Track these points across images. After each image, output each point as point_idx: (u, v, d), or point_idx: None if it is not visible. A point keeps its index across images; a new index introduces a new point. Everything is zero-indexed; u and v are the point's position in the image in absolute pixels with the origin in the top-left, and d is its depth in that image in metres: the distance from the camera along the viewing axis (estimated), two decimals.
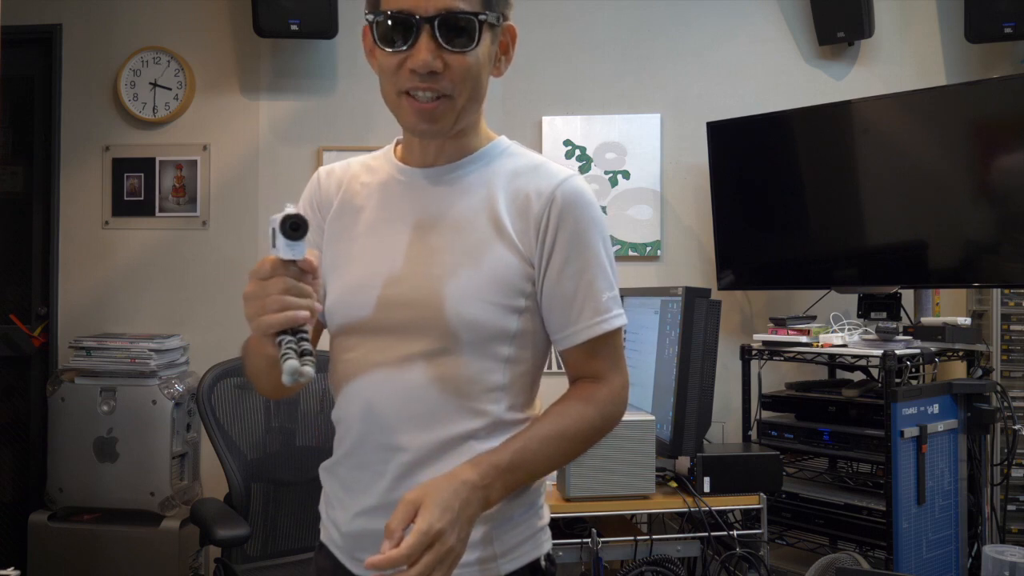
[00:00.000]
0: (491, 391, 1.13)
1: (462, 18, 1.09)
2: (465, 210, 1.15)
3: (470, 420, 1.12)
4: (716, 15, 3.32)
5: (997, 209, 2.57)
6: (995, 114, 2.57)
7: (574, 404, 1.15)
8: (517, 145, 1.24)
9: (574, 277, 1.14)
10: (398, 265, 1.15)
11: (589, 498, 2.24)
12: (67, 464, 2.97)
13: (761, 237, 3.06)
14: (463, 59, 1.10)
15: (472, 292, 1.11)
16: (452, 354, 1.12)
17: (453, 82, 1.10)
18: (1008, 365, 2.86)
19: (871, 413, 2.56)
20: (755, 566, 2.29)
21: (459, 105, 1.12)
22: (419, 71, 1.08)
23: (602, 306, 1.15)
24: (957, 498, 2.58)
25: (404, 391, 1.13)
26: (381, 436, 1.14)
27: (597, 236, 1.16)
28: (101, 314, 3.36)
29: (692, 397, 2.35)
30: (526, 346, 1.16)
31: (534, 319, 1.16)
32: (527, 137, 3.32)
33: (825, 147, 2.90)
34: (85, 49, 3.40)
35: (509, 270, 1.13)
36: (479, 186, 1.17)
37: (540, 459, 1.11)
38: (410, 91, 1.11)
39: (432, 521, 0.98)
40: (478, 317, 1.11)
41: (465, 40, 1.10)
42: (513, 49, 1.22)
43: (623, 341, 1.20)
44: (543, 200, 1.14)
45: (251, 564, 2.42)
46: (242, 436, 2.48)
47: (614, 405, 1.17)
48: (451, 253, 1.13)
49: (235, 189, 3.38)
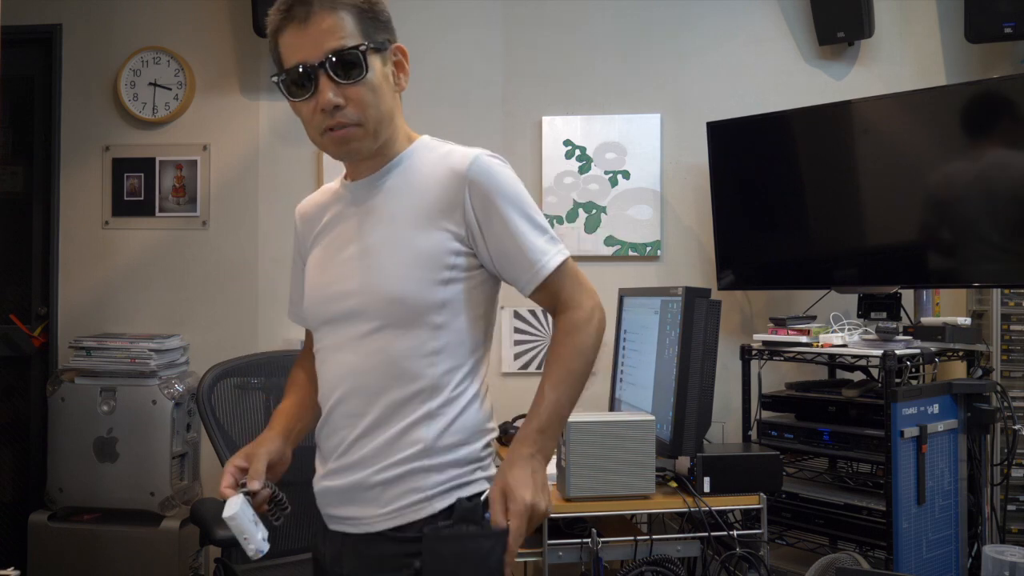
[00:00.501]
0: (427, 356, 1.31)
1: (347, 53, 1.26)
2: (393, 207, 1.34)
3: (410, 384, 1.30)
4: (716, 15, 3.32)
5: (997, 209, 2.57)
6: (995, 114, 2.57)
7: (562, 341, 1.33)
8: (433, 140, 1.42)
9: (505, 239, 1.32)
10: (343, 264, 1.37)
11: (589, 498, 2.24)
12: (67, 464, 2.97)
13: (761, 237, 3.06)
14: (359, 89, 1.28)
15: (397, 273, 1.30)
16: (388, 329, 1.31)
17: (357, 109, 1.28)
18: (1008, 365, 2.86)
19: (871, 413, 2.56)
20: (755, 566, 2.29)
21: (370, 128, 1.31)
22: (326, 109, 1.27)
23: (536, 253, 1.32)
24: (957, 498, 2.58)
25: (355, 367, 1.33)
26: (343, 407, 1.34)
27: (513, 197, 1.33)
28: (101, 314, 3.37)
29: (692, 397, 2.35)
30: (457, 311, 1.33)
31: (460, 284, 1.33)
32: (527, 137, 3.32)
33: (825, 147, 2.90)
34: (85, 49, 3.41)
35: (431, 247, 1.30)
36: (402, 184, 1.36)
37: (564, 399, 1.30)
38: (328, 127, 1.29)
39: (525, 499, 1.22)
40: (404, 293, 1.29)
41: (356, 71, 1.27)
42: (408, 64, 1.38)
43: (573, 267, 1.37)
44: (459, 179, 1.31)
45: (251, 564, 2.41)
46: (242, 436, 2.48)
47: (590, 320, 1.34)
48: (382, 245, 1.33)
49: (235, 189, 3.38)
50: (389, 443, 1.30)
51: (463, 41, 3.36)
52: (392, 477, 1.30)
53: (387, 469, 1.30)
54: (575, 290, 1.35)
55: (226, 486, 1.33)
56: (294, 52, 1.28)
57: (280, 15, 1.29)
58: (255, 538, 1.28)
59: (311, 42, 1.26)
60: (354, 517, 1.34)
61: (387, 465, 1.30)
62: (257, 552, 1.28)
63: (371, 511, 1.31)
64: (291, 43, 1.28)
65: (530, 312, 3.29)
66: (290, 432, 1.45)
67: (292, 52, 1.28)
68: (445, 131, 1.42)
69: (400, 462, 1.29)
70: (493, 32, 3.37)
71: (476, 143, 1.42)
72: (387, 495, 1.30)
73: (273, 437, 1.42)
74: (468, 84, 3.35)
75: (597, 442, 2.23)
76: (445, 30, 3.37)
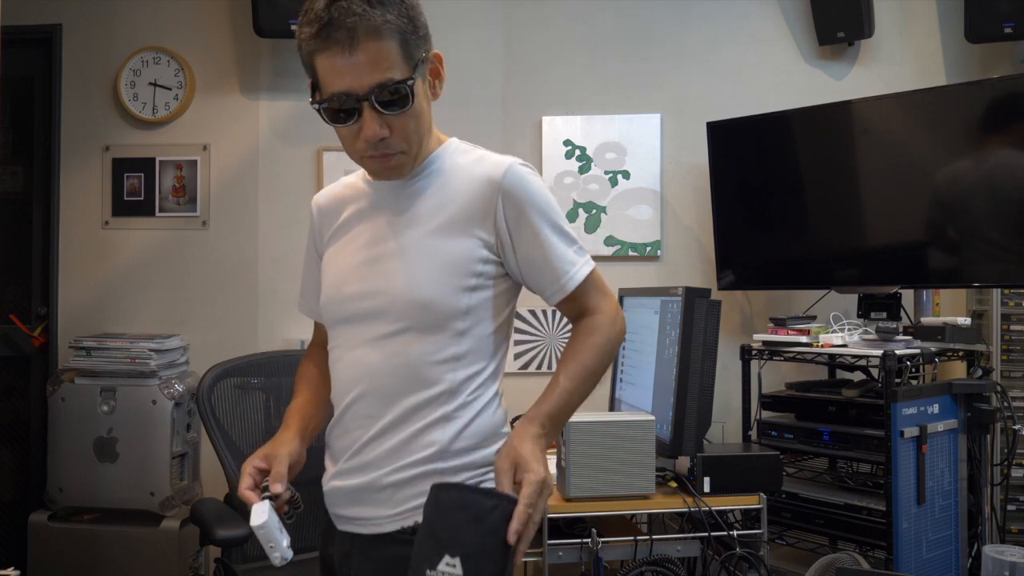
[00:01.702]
0: (447, 362, 1.29)
1: (394, 88, 1.22)
2: (421, 210, 1.33)
3: (429, 388, 1.29)
4: (716, 15, 3.32)
5: (997, 209, 2.57)
6: (995, 114, 2.57)
7: (582, 339, 1.33)
8: (463, 143, 1.40)
9: (535, 248, 1.31)
10: (367, 265, 1.35)
11: (589, 498, 2.24)
12: (67, 464, 2.97)
13: (761, 237, 3.06)
14: (404, 119, 1.25)
15: (426, 277, 1.29)
16: (410, 332, 1.29)
17: (402, 139, 1.27)
18: (1008, 365, 2.86)
19: (871, 413, 2.56)
20: (755, 566, 2.29)
21: (413, 152, 1.30)
22: (371, 141, 1.24)
23: (566, 264, 1.33)
24: (957, 498, 2.58)
25: (372, 368, 1.31)
26: (358, 408, 1.33)
27: (545, 208, 1.32)
28: (101, 314, 3.36)
29: (692, 397, 2.35)
30: (480, 319, 1.32)
31: (487, 292, 1.32)
32: (527, 137, 3.33)
33: (825, 147, 2.90)
34: (85, 49, 3.41)
35: (460, 253, 1.29)
36: (433, 188, 1.34)
37: (575, 393, 1.30)
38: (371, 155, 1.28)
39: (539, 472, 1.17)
40: (432, 297, 1.28)
41: (401, 102, 1.24)
42: (443, 70, 1.35)
43: (599, 277, 1.38)
44: (493, 188, 1.30)
45: (251, 564, 2.41)
46: (242, 436, 2.48)
47: (613, 323, 1.35)
48: (410, 248, 1.31)
49: (235, 189, 3.38)
50: (403, 444, 1.29)
51: (463, 41, 3.36)
52: (405, 479, 1.29)
53: (400, 471, 1.29)
54: (599, 296, 1.36)
55: (246, 488, 1.29)
56: (335, 79, 1.21)
57: (319, 36, 1.21)
58: (281, 545, 1.26)
59: (355, 71, 1.20)
60: (364, 518, 1.33)
61: (401, 467, 1.29)
62: (283, 560, 1.26)
63: (382, 512, 1.30)
64: (332, 68, 1.21)
65: (530, 312, 3.29)
66: (305, 431, 1.42)
67: (333, 78, 1.21)
68: (445, 131, 1.41)
69: (414, 464, 1.28)
70: (493, 32, 3.38)
71: (476, 143, 1.42)
72: (399, 496, 1.29)
73: (291, 438, 1.37)
74: (468, 84, 3.35)
75: (597, 442, 2.24)
76: (445, 30, 3.36)
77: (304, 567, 2.45)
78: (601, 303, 1.35)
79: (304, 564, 2.46)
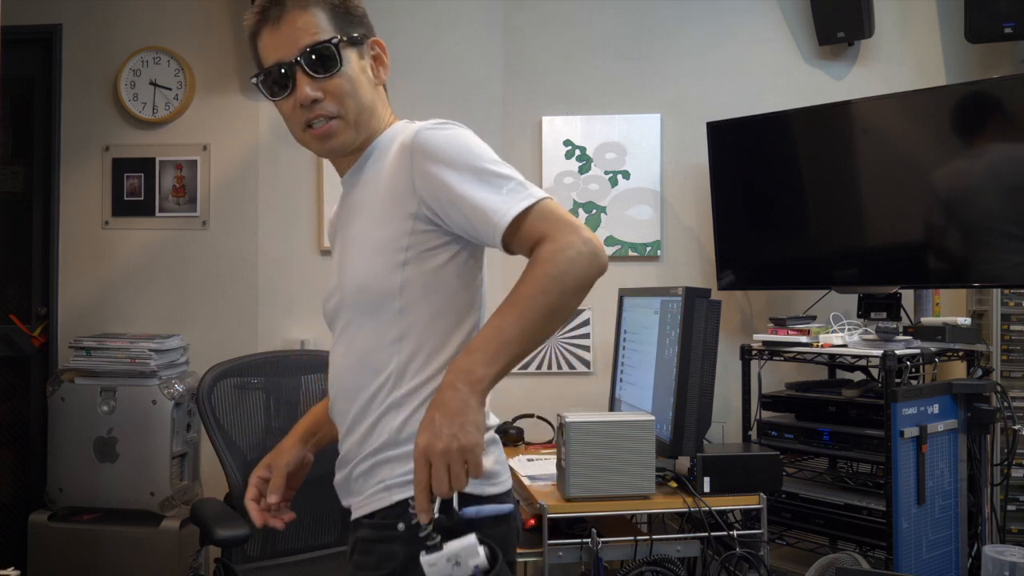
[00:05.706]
0: (392, 344, 1.29)
1: (321, 47, 1.28)
2: (364, 198, 1.35)
3: (378, 376, 1.30)
4: (716, 15, 3.32)
5: (997, 209, 2.57)
6: (995, 114, 2.57)
7: (523, 274, 1.19)
8: (409, 123, 1.35)
9: (456, 202, 1.23)
10: (333, 264, 1.41)
11: (589, 498, 2.24)
12: (67, 464, 2.97)
13: (761, 237, 3.06)
14: (336, 81, 1.29)
15: (361, 263, 1.30)
16: (356, 321, 1.32)
17: (335, 102, 1.30)
18: (1008, 365, 2.86)
19: (871, 413, 2.56)
20: (755, 566, 2.29)
21: (351, 119, 1.31)
22: (304, 103, 1.29)
23: (494, 204, 1.21)
24: (957, 498, 2.58)
25: (338, 366, 1.36)
26: (336, 407, 1.39)
27: (456, 156, 1.24)
28: (101, 314, 3.37)
29: (692, 397, 2.35)
30: (417, 294, 1.28)
31: (423, 264, 1.28)
32: (527, 137, 3.32)
33: (825, 147, 2.90)
34: (85, 49, 3.41)
35: (390, 231, 1.28)
36: (371, 173, 1.35)
37: (507, 323, 1.17)
38: (309, 123, 1.31)
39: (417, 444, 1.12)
40: (362, 282, 1.29)
41: (332, 64, 1.29)
42: (387, 58, 1.39)
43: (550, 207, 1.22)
44: (406, 155, 1.27)
45: (251, 564, 2.42)
46: (242, 436, 2.48)
47: (564, 250, 1.17)
48: (352, 239, 1.34)
49: (235, 189, 3.38)
50: (364, 437, 1.32)
51: (463, 41, 3.36)
52: (366, 469, 1.33)
53: (362, 462, 1.33)
54: (552, 228, 1.20)
55: (250, 498, 1.42)
56: (271, 52, 1.31)
57: (255, 17, 1.33)
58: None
59: (286, 41, 1.29)
60: (349, 507, 1.39)
61: (362, 458, 1.33)
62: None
63: (354, 500, 1.37)
64: (267, 44, 1.31)
65: None
66: (311, 436, 1.50)
67: (269, 52, 1.31)
68: None
69: (371, 454, 1.32)
70: (493, 32, 3.38)
71: None
72: (363, 485, 1.34)
73: (290, 447, 1.48)
74: (468, 84, 3.35)
75: (597, 442, 2.23)
76: (445, 30, 3.37)
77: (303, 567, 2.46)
78: (549, 230, 1.19)
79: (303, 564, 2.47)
